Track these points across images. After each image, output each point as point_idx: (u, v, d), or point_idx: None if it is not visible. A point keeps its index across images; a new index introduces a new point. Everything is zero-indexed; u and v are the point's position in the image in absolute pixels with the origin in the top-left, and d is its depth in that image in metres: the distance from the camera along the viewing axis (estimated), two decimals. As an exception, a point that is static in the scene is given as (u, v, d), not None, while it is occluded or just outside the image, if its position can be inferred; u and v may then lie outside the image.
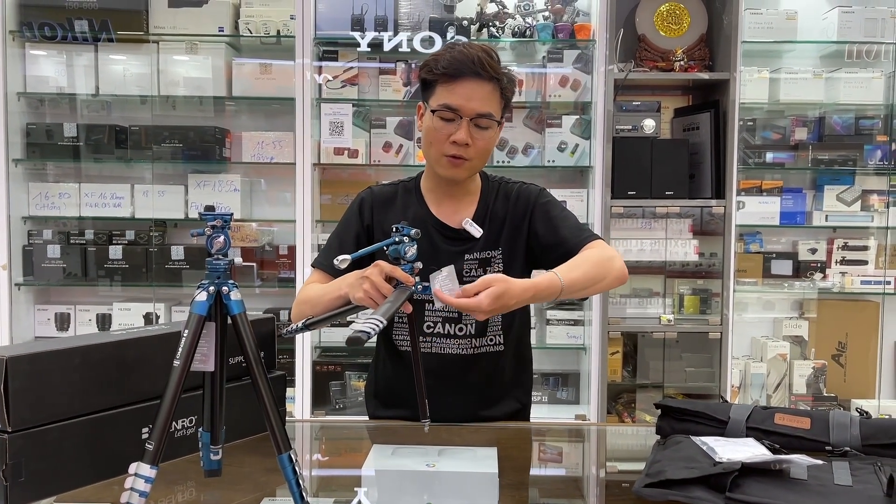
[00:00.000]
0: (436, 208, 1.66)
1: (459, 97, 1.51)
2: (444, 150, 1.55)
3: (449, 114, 1.52)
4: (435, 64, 1.54)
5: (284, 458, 1.02)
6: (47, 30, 3.13)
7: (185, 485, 1.23)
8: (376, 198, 1.69)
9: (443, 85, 1.53)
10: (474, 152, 1.55)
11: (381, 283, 1.31)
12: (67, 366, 1.17)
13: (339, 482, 1.40)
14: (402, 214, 1.65)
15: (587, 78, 3.21)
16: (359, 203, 1.70)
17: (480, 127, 1.54)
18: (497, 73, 1.53)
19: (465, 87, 1.51)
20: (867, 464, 1.19)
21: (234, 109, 3.41)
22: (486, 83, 1.52)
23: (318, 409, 3.20)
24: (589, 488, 1.39)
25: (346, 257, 1.27)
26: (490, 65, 1.51)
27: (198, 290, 1.04)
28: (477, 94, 1.51)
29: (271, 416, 1.03)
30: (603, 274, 1.51)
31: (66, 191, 3.25)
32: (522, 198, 1.66)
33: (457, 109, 1.51)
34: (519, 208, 1.65)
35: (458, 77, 1.51)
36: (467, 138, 1.52)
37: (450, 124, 1.53)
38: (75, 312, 3.31)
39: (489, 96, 1.53)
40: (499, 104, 1.56)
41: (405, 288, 1.29)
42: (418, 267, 1.33)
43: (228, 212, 1.05)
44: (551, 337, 3.26)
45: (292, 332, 1.37)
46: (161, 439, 0.97)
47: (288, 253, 3.27)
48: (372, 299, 1.32)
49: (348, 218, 1.70)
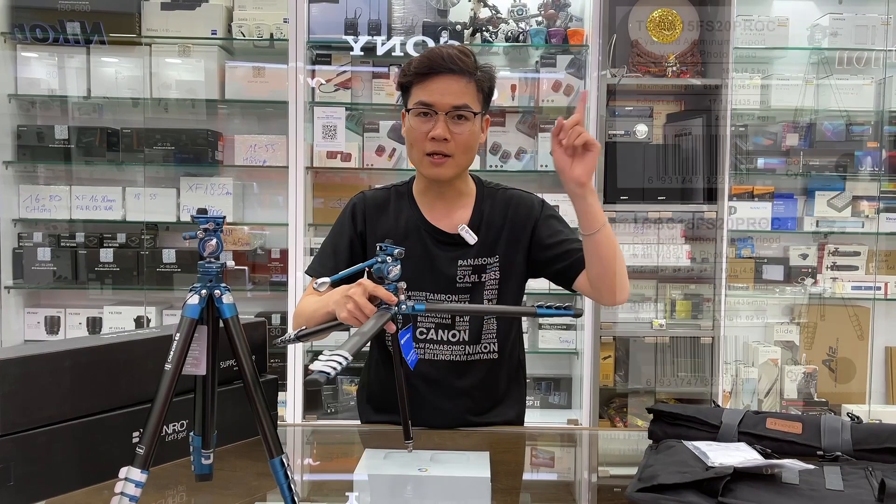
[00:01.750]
0: (428, 212, 1.65)
1: (433, 93, 1.52)
2: (424, 149, 1.55)
3: (425, 110, 1.53)
4: (408, 67, 1.56)
5: (276, 463, 1.02)
6: (39, 32, 3.12)
7: (175, 489, 1.22)
8: (369, 203, 1.68)
9: (418, 85, 1.54)
10: (455, 147, 1.55)
11: (365, 303, 1.30)
12: (57, 369, 1.16)
13: (331, 487, 1.39)
14: (394, 219, 1.65)
15: (580, 83, 3.22)
16: (351, 209, 1.69)
17: (458, 121, 1.54)
18: (469, 67, 1.53)
19: (438, 83, 1.52)
20: (858, 468, 1.19)
21: (227, 112, 3.41)
22: (459, 78, 1.53)
23: (309, 414, 3.19)
24: (581, 493, 1.39)
25: (326, 280, 1.25)
26: (462, 60, 1.52)
27: (190, 293, 1.03)
28: (451, 89, 1.52)
29: (263, 420, 1.03)
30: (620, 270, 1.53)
31: (57, 193, 3.24)
32: (524, 206, 1.65)
33: (431, 105, 1.52)
34: (520, 216, 1.64)
35: (431, 74, 1.52)
36: (445, 133, 1.52)
37: (427, 122, 1.54)
38: (65, 316, 3.29)
39: (464, 90, 1.53)
40: (476, 97, 1.56)
41: (386, 309, 1.27)
42: (402, 287, 1.31)
43: (220, 215, 1.04)
44: (544, 341, 3.26)
45: (285, 342, 1.36)
46: (152, 443, 0.96)
47: (280, 257, 3.26)
48: (356, 318, 1.31)
49: (341, 224, 1.70)
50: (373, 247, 1.65)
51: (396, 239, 1.64)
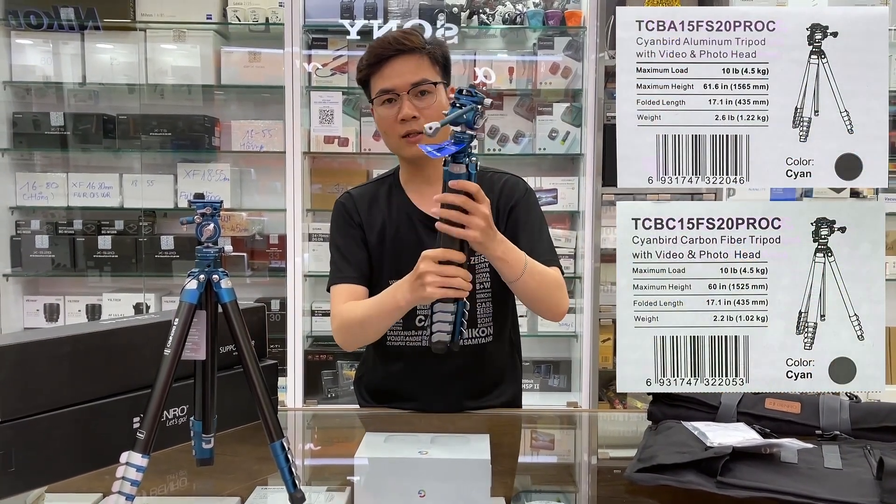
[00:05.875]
0: (418, 200, 1.64)
1: (390, 77, 1.54)
2: (398, 132, 1.56)
3: (388, 96, 1.54)
4: (361, 62, 1.58)
5: (277, 446, 1.02)
6: (33, 18, 3.10)
7: (176, 474, 1.23)
8: (357, 199, 1.67)
9: (374, 76, 1.56)
10: (426, 122, 1.54)
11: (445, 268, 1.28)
12: (57, 355, 1.16)
13: (332, 470, 1.40)
14: (386, 211, 1.64)
15: (578, 65, 3.20)
16: (342, 209, 1.67)
17: (421, 97, 1.54)
18: (417, 43, 1.54)
19: (391, 67, 1.54)
20: (857, 447, 1.20)
21: (223, 98, 3.39)
22: (410, 56, 1.54)
23: (309, 399, 3.20)
24: (581, 474, 1.40)
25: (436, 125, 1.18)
26: (408, 39, 1.54)
27: (188, 278, 1.03)
28: (405, 68, 1.53)
29: (263, 403, 1.03)
30: (551, 298, 1.52)
31: (54, 181, 3.23)
32: (509, 188, 1.64)
33: (391, 89, 1.54)
34: (504, 198, 1.63)
35: (382, 61, 1.54)
36: (412, 110, 1.53)
37: (393, 107, 1.55)
38: (64, 303, 3.30)
39: (418, 65, 1.54)
40: (432, 69, 1.56)
41: None
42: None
43: (218, 199, 1.04)
44: (543, 325, 3.26)
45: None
46: (152, 428, 0.96)
47: (278, 242, 3.26)
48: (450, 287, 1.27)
49: (339, 226, 1.67)
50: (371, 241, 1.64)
51: (391, 230, 1.63)
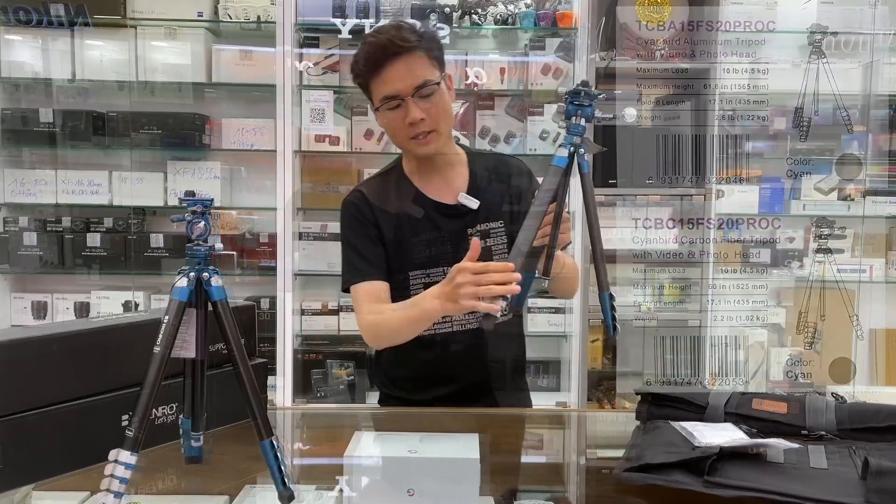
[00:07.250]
0: (427, 188, 1.66)
1: (392, 82, 1.52)
2: (407, 135, 1.56)
3: (392, 102, 1.54)
4: (357, 66, 1.56)
5: (266, 445, 1.02)
6: (22, 14, 3.07)
7: (165, 472, 1.23)
8: (369, 196, 1.66)
9: (374, 80, 1.55)
10: (432, 122, 1.56)
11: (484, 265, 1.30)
12: (46, 353, 1.16)
13: (321, 469, 1.40)
14: (397, 201, 1.65)
15: (569, 66, 3.21)
16: (355, 208, 1.66)
17: (426, 98, 1.54)
18: (412, 42, 1.52)
19: (391, 71, 1.52)
20: (842, 447, 1.21)
21: (214, 96, 3.38)
22: (408, 56, 1.52)
23: (299, 398, 3.19)
24: (570, 474, 1.41)
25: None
26: (402, 38, 1.52)
27: (178, 276, 1.03)
28: (405, 71, 1.52)
29: (253, 402, 1.03)
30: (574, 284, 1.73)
31: (43, 178, 3.21)
32: (517, 172, 1.73)
33: (396, 95, 1.53)
34: (520, 182, 1.70)
35: (381, 65, 1.52)
36: (420, 114, 1.53)
37: (399, 110, 1.54)
38: (53, 301, 3.27)
39: (418, 65, 1.53)
40: (430, 66, 1.56)
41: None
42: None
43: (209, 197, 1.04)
44: (533, 325, 3.27)
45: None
46: (142, 425, 0.96)
47: (269, 241, 3.25)
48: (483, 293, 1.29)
49: (354, 225, 1.65)
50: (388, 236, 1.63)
51: (407, 221, 1.63)
